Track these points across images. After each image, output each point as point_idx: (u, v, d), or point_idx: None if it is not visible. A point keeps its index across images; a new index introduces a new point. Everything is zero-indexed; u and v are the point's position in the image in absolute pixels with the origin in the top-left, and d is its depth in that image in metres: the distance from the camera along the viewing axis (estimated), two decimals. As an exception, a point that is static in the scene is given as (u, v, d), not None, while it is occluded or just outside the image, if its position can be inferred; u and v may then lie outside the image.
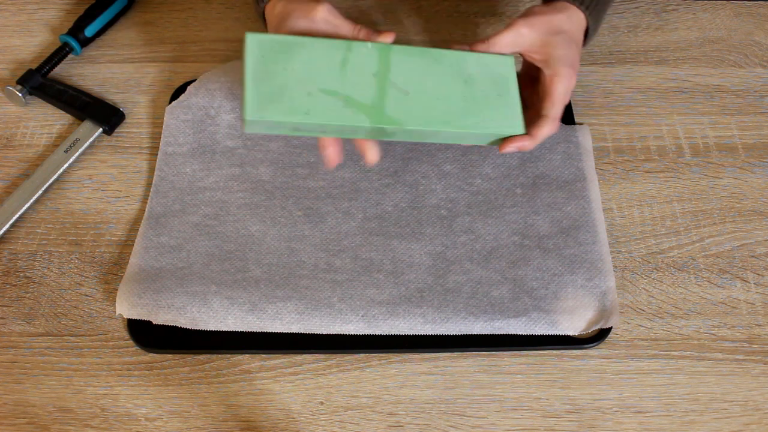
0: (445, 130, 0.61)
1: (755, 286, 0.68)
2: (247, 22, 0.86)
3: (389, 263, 0.67)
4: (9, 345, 0.65)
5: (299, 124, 0.58)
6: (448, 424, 0.62)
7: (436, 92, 0.62)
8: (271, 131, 0.59)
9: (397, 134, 0.61)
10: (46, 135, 0.77)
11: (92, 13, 0.83)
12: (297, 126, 0.58)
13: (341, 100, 0.59)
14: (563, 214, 0.70)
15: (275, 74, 0.58)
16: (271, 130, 0.59)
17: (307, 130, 0.59)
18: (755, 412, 0.62)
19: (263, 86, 0.58)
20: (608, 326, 0.65)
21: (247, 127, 0.58)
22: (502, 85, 0.64)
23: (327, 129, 0.59)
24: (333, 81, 0.59)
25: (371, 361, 0.64)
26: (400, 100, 0.60)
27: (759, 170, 0.75)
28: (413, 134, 0.62)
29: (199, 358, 0.64)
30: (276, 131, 0.59)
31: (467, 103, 0.62)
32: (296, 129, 0.59)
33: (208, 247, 0.68)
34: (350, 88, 0.59)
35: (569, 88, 0.64)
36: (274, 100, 0.57)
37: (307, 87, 0.59)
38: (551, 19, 0.65)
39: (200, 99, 0.76)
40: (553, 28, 0.65)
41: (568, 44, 0.65)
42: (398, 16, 0.87)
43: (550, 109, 0.64)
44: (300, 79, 0.59)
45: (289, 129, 0.59)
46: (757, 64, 0.83)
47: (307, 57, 0.60)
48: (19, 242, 0.70)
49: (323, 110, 0.58)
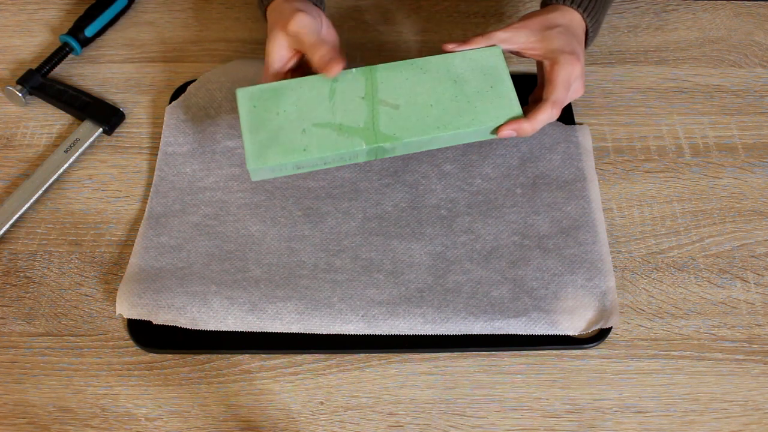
0: (442, 134, 0.61)
1: (755, 286, 0.68)
2: (247, 22, 0.86)
3: (389, 263, 0.67)
4: (9, 345, 0.65)
5: (299, 162, 0.60)
6: (448, 424, 0.62)
7: (427, 99, 0.63)
8: (276, 174, 0.62)
9: (398, 149, 0.62)
10: (46, 135, 0.77)
11: (92, 13, 0.83)
12: (298, 164, 0.61)
13: (335, 130, 0.61)
14: (563, 214, 0.70)
15: (269, 120, 0.61)
16: (275, 173, 0.61)
17: (308, 165, 0.61)
18: (755, 412, 0.62)
19: (259, 135, 0.61)
20: (608, 326, 0.65)
21: (253, 175, 0.61)
22: (493, 75, 0.64)
23: (327, 160, 0.61)
24: (324, 114, 0.62)
25: (371, 361, 0.64)
26: (392, 116, 0.62)
27: (759, 170, 0.75)
28: (413, 146, 0.62)
29: (199, 358, 0.64)
30: (281, 173, 0.62)
31: (460, 102, 0.63)
32: (298, 167, 0.61)
33: (208, 247, 0.68)
34: (342, 116, 0.62)
35: (571, 74, 0.63)
36: (272, 145, 0.60)
37: (301, 125, 0.61)
38: (545, 17, 0.66)
39: (200, 99, 0.76)
40: (547, 23, 0.65)
41: (564, 35, 0.65)
42: (398, 16, 0.87)
43: (550, 93, 0.63)
44: (293, 119, 0.61)
45: (291, 168, 0.61)
46: (757, 64, 0.83)
47: (296, 97, 0.62)
48: (19, 242, 0.70)
49: (319, 144, 0.61)
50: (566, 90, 0.63)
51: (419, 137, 0.61)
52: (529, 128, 0.62)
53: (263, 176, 0.61)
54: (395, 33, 0.85)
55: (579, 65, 0.64)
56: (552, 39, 0.64)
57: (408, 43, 0.84)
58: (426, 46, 0.84)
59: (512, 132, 0.62)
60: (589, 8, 0.67)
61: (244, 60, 0.81)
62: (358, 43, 0.84)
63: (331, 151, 0.60)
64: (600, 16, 0.69)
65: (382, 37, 0.85)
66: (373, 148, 0.61)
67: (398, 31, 0.86)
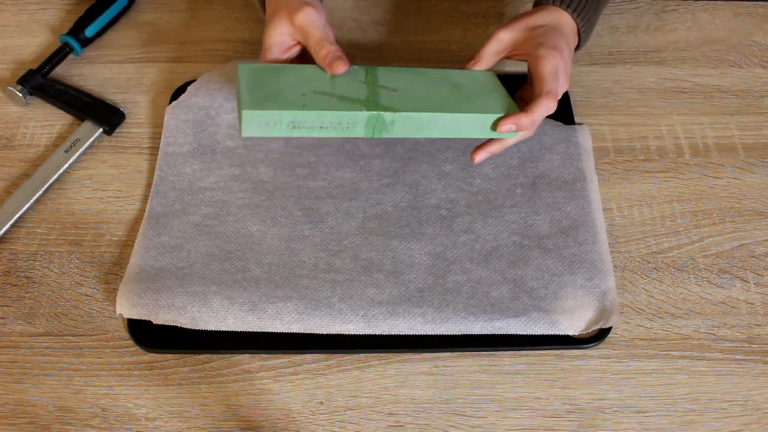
0: (442, 114, 0.61)
1: (755, 286, 0.68)
2: (248, 22, 0.86)
3: (389, 263, 0.67)
4: (9, 345, 0.65)
5: (296, 118, 0.58)
6: (448, 424, 0.62)
7: (426, 91, 0.63)
8: (269, 132, 0.59)
9: (396, 124, 0.61)
10: (46, 135, 0.77)
11: (92, 13, 0.83)
12: (294, 120, 0.58)
13: (335, 98, 0.60)
14: (563, 214, 0.70)
15: (268, 85, 0.60)
16: (269, 129, 0.59)
17: (305, 125, 0.59)
18: (755, 412, 0.62)
19: (258, 92, 0.59)
20: (608, 326, 0.65)
21: (244, 126, 0.58)
22: (487, 85, 0.65)
23: (324, 122, 0.59)
24: (325, 86, 0.61)
25: (371, 361, 0.64)
26: (392, 95, 0.62)
27: (759, 170, 0.75)
28: (412, 124, 0.61)
29: (199, 358, 0.64)
30: (274, 132, 0.59)
31: (458, 97, 0.63)
32: (294, 125, 0.59)
33: (209, 247, 0.68)
34: (342, 90, 0.61)
35: (556, 66, 0.63)
36: (270, 98, 0.59)
37: (301, 90, 0.60)
38: (528, 18, 0.67)
39: (200, 99, 0.76)
40: (530, 25, 0.66)
41: (548, 33, 0.65)
42: (398, 16, 0.87)
43: (543, 86, 0.62)
44: (293, 86, 0.60)
45: (287, 126, 0.59)
46: (757, 64, 0.83)
47: (298, 74, 0.62)
48: (20, 242, 0.70)
49: (318, 104, 0.59)
50: (556, 80, 0.62)
51: (419, 113, 0.61)
52: (527, 121, 0.62)
53: (256, 131, 0.59)
54: (395, 33, 0.85)
55: (561, 59, 0.63)
56: (534, 38, 0.65)
57: (408, 43, 0.84)
58: (426, 47, 0.84)
59: (512, 126, 0.62)
60: (578, 8, 0.67)
61: (244, 60, 0.81)
62: (358, 43, 0.85)
63: (331, 110, 0.59)
64: (592, 16, 0.69)
65: (382, 38, 0.85)
66: (372, 118, 0.60)
67: (398, 31, 0.86)
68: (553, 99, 0.62)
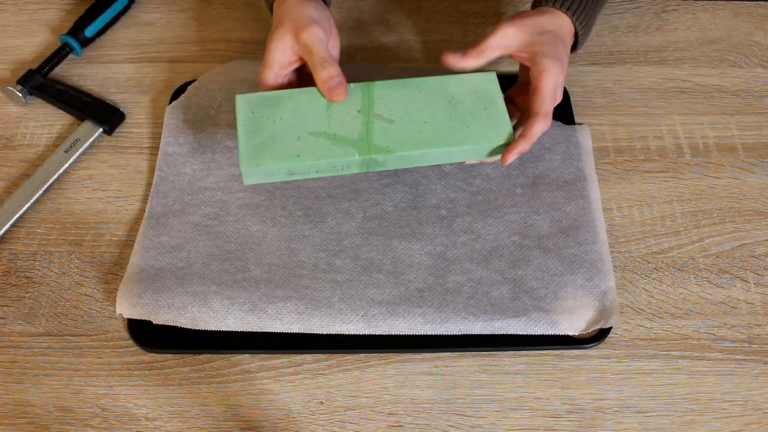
0: (434, 150, 0.62)
1: (755, 286, 0.68)
2: (248, 22, 0.86)
3: (389, 263, 0.67)
4: (9, 345, 0.65)
5: (292, 168, 0.60)
6: (448, 424, 0.62)
7: (421, 116, 0.63)
8: (269, 179, 0.61)
9: (389, 162, 0.62)
10: (46, 135, 0.77)
11: (92, 13, 0.83)
12: (291, 170, 0.61)
13: (329, 140, 0.61)
14: (563, 214, 0.70)
15: (265, 126, 0.62)
16: (267, 178, 0.61)
17: (301, 172, 0.61)
18: (755, 412, 0.62)
19: (255, 138, 0.61)
20: (608, 326, 0.65)
21: (245, 178, 0.61)
22: (486, 98, 0.64)
23: (319, 168, 0.61)
24: (320, 123, 0.62)
25: (371, 361, 0.64)
26: (386, 130, 0.62)
27: (759, 170, 0.75)
28: (404, 160, 0.62)
29: (199, 358, 0.64)
30: (273, 178, 0.61)
31: (453, 122, 0.63)
32: (291, 173, 0.61)
33: (208, 247, 0.68)
34: (337, 127, 0.62)
35: (557, 83, 0.63)
36: (266, 149, 0.61)
37: (296, 132, 0.61)
38: (536, 20, 0.66)
39: (200, 99, 0.76)
40: (537, 28, 0.65)
41: (553, 42, 0.65)
42: (398, 16, 0.87)
43: (541, 105, 0.63)
44: (288, 126, 0.62)
45: (284, 174, 0.61)
46: (757, 64, 0.83)
47: (294, 106, 0.63)
48: (20, 242, 0.70)
49: (313, 151, 0.61)
50: (553, 99, 0.64)
51: (411, 152, 0.61)
52: (527, 146, 0.63)
53: (255, 180, 0.61)
54: (395, 33, 0.85)
55: (563, 74, 0.64)
56: (542, 45, 0.64)
57: (408, 43, 0.84)
58: (426, 47, 0.84)
59: (515, 155, 0.63)
60: (578, 12, 0.67)
61: (244, 60, 0.81)
62: (358, 43, 0.84)
63: (324, 159, 0.60)
64: (590, 20, 0.69)
65: (382, 38, 0.85)
66: (365, 160, 0.61)
67: (398, 31, 0.86)
68: (548, 118, 0.63)
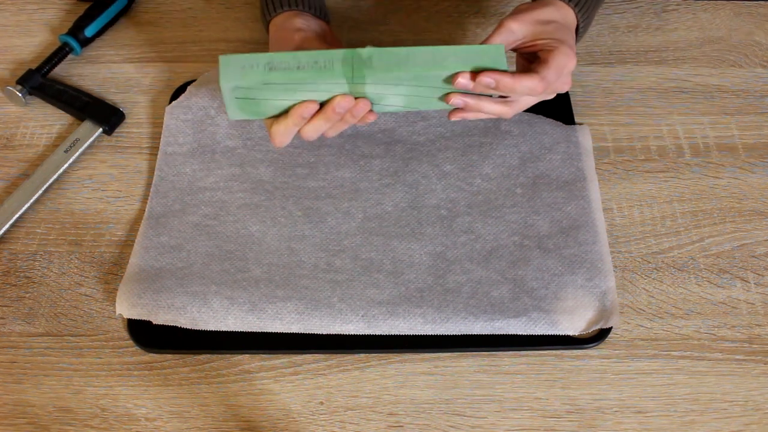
0: (421, 47, 0.58)
1: (755, 286, 0.68)
2: (248, 22, 0.86)
3: (389, 263, 0.67)
4: (9, 345, 0.65)
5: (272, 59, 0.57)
6: (448, 424, 0.62)
7: None
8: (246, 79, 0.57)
9: (374, 59, 0.58)
10: (46, 135, 0.77)
11: (92, 13, 0.83)
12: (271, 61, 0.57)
13: None
14: (563, 214, 0.70)
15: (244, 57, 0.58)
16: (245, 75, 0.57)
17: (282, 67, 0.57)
18: (755, 412, 0.62)
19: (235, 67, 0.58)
20: (608, 326, 0.65)
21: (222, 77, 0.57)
22: None
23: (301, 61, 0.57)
24: None
25: (371, 361, 0.64)
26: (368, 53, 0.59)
27: (759, 170, 0.75)
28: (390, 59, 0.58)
29: (199, 358, 0.64)
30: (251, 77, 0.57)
31: None
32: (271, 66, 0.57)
33: (208, 247, 0.68)
34: None
35: (567, 64, 0.61)
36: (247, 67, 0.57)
37: None
38: (539, 12, 0.64)
39: (200, 99, 0.76)
40: (542, 19, 0.64)
41: (561, 30, 0.64)
42: (399, 16, 0.87)
43: (542, 69, 0.60)
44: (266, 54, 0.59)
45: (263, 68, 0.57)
46: (757, 64, 0.83)
47: None
48: (19, 242, 0.70)
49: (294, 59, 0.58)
50: (558, 74, 0.61)
51: (397, 47, 0.58)
52: (509, 84, 0.58)
53: (234, 80, 0.57)
54: (395, 33, 0.85)
55: (574, 60, 0.62)
56: (550, 33, 0.63)
57: (408, 42, 0.84)
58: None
59: (491, 80, 0.57)
60: (581, 4, 0.67)
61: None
62: (358, 43, 0.84)
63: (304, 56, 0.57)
64: (591, 13, 0.69)
65: (382, 37, 0.85)
66: (348, 54, 0.58)
67: (398, 31, 0.86)
68: (544, 86, 0.60)
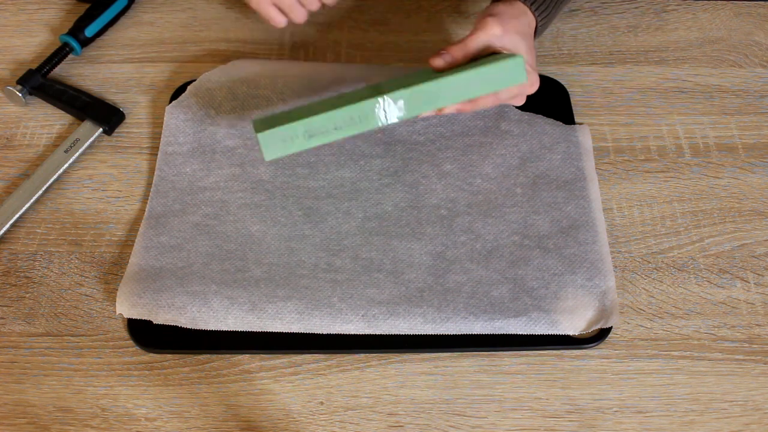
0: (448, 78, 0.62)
1: (755, 286, 0.68)
2: (248, 22, 0.86)
3: (389, 263, 0.67)
4: (9, 345, 0.65)
5: (309, 126, 0.61)
6: (448, 424, 0.62)
7: None
8: (289, 148, 0.62)
9: (406, 102, 0.62)
10: (46, 135, 0.77)
11: (92, 13, 0.83)
12: (308, 128, 0.61)
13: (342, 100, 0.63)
14: (563, 214, 0.70)
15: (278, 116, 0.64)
16: (286, 146, 0.62)
17: (320, 132, 0.62)
18: (755, 412, 0.62)
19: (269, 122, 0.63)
20: (608, 326, 0.65)
21: (264, 148, 0.61)
22: None
23: (338, 122, 0.61)
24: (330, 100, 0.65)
25: (371, 361, 0.64)
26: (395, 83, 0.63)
27: (759, 170, 0.75)
28: (421, 98, 0.62)
29: (199, 358, 0.64)
30: (293, 147, 0.62)
31: None
32: (309, 134, 0.62)
33: (208, 247, 0.68)
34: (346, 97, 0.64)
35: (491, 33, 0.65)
36: (281, 121, 0.62)
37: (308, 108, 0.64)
38: (489, 8, 0.68)
39: (200, 99, 0.76)
40: (488, 12, 0.67)
41: (502, 16, 0.66)
42: (398, 16, 0.87)
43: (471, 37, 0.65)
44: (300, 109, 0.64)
45: (302, 137, 0.61)
46: (757, 64, 0.83)
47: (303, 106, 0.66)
48: (19, 242, 0.70)
49: (327, 107, 0.62)
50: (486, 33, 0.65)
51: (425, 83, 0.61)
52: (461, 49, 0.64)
53: (276, 151, 0.61)
54: (395, 33, 0.85)
55: (497, 28, 0.65)
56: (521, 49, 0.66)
57: (408, 43, 0.84)
58: (426, 46, 0.84)
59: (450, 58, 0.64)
60: (537, 2, 0.69)
61: (244, 60, 0.81)
62: (358, 43, 0.84)
63: (337, 108, 0.61)
64: (552, 12, 0.71)
65: (382, 37, 0.85)
66: (380, 101, 0.61)
67: (398, 31, 0.86)
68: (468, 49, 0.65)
